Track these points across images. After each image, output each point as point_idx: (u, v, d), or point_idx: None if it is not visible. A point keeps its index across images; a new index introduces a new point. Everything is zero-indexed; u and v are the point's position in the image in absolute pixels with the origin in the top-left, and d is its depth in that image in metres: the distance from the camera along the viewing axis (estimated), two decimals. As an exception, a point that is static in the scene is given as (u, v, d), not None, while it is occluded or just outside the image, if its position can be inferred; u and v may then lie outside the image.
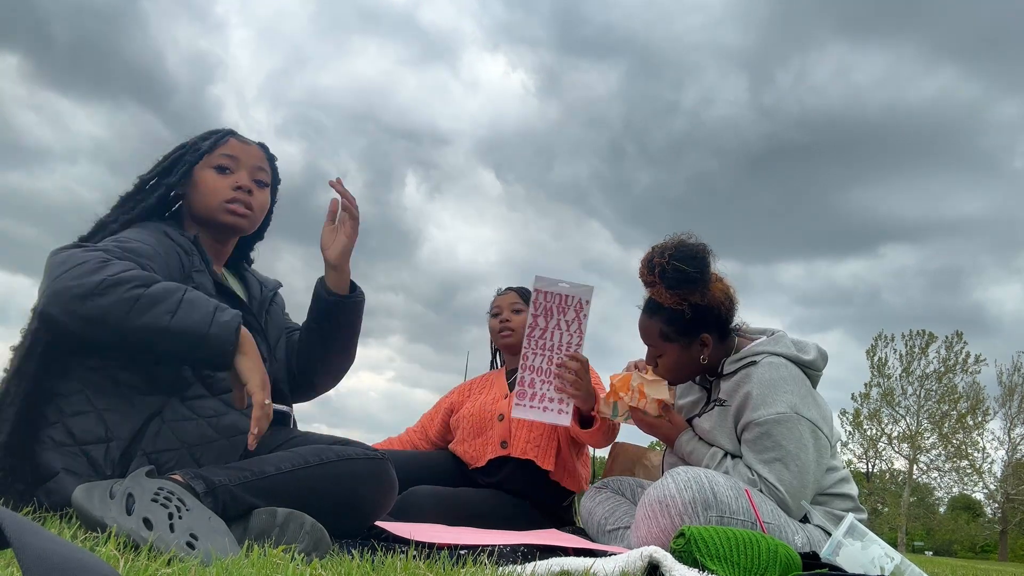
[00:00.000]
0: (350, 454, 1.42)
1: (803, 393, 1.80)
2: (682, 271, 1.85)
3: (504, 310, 2.63)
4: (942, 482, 29.49)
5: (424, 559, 1.18)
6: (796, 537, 1.67)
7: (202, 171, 1.65)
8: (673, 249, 1.88)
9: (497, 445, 2.43)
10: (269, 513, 1.24)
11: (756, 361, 1.84)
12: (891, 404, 29.02)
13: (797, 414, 1.75)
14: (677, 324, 1.92)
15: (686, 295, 1.88)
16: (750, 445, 1.78)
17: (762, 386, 1.78)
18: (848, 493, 1.87)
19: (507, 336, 2.59)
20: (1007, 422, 28.16)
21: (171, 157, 1.68)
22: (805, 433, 1.75)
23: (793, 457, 1.73)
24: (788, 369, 1.81)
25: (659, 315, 1.93)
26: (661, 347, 1.95)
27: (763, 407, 1.76)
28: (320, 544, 1.20)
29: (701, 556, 1.32)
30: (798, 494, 1.73)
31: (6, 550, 0.51)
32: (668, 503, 1.61)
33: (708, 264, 1.89)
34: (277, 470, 1.32)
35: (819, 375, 1.90)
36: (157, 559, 0.94)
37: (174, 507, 1.10)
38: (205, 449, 1.40)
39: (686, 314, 1.90)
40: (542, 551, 1.46)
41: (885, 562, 1.42)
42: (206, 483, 1.22)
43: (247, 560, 1.00)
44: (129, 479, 1.14)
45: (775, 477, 1.72)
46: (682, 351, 1.94)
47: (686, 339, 1.93)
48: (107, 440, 1.35)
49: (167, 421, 1.39)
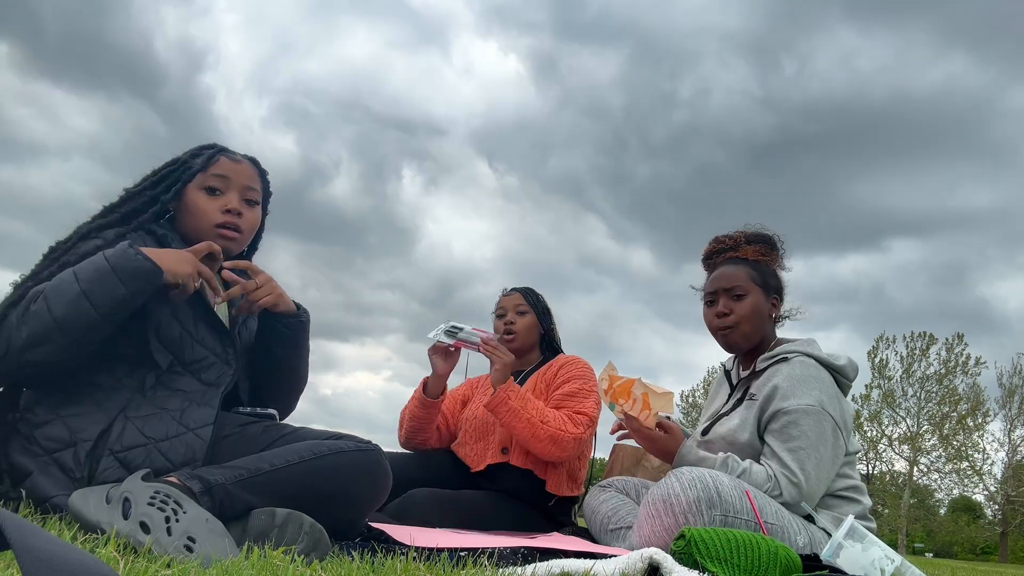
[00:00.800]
0: (342, 447, 1.44)
1: (831, 393, 1.83)
2: (765, 235, 2.10)
3: (509, 311, 2.62)
4: (942, 484, 29.49)
5: (424, 561, 1.17)
6: (798, 538, 1.67)
7: (193, 192, 1.66)
8: (745, 228, 2.12)
9: (498, 451, 2.43)
10: (268, 514, 1.24)
11: (788, 358, 1.88)
12: (891, 406, 29.01)
13: (823, 409, 1.78)
14: (764, 271, 2.05)
15: (769, 253, 2.07)
16: (776, 434, 1.80)
17: (792, 379, 1.82)
18: (860, 500, 1.87)
19: (510, 342, 2.58)
20: (1007, 424, 28.16)
21: (160, 172, 1.68)
22: (828, 429, 1.78)
23: (815, 448, 1.75)
24: (817, 369, 1.85)
25: (746, 264, 2.06)
26: (747, 287, 2.02)
27: (792, 397, 1.79)
28: (319, 545, 1.20)
29: (701, 558, 1.32)
30: (814, 486, 1.75)
31: (6, 552, 0.51)
32: (672, 502, 1.61)
33: (779, 242, 2.11)
34: (272, 466, 1.34)
35: (849, 384, 1.92)
36: (157, 561, 0.94)
37: (171, 510, 1.10)
38: (173, 443, 1.40)
39: (771, 266, 2.06)
40: (542, 553, 1.46)
41: (885, 564, 1.41)
42: (202, 483, 1.22)
43: (247, 562, 1.00)
44: (126, 482, 1.14)
45: (797, 465, 1.74)
46: (763, 298, 2.03)
47: (768, 288, 2.04)
48: (73, 444, 1.37)
49: (131, 418, 1.40)
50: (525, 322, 2.60)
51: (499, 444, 2.43)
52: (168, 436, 1.41)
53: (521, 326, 2.59)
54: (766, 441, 1.82)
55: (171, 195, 1.64)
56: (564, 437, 2.26)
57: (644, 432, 1.90)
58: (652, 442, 1.90)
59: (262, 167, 1.77)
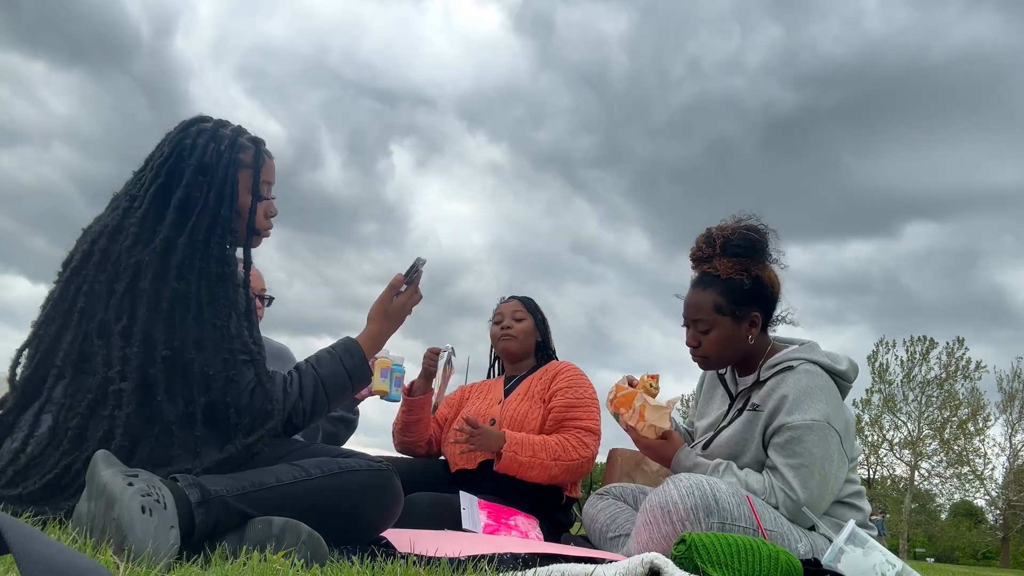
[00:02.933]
0: (353, 466, 1.41)
1: (836, 404, 1.82)
2: (749, 237, 1.93)
3: (506, 317, 2.64)
4: (943, 488, 29.52)
5: (424, 566, 1.17)
6: (799, 545, 1.67)
7: (243, 195, 1.59)
8: (736, 223, 1.96)
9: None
10: (265, 523, 1.23)
11: (793, 367, 1.85)
12: (892, 410, 29.01)
13: (829, 424, 1.76)
14: (734, 294, 1.91)
15: (747, 265, 1.92)
16: (779, 448, 1.77)
17: (798, 391, 1.79)
18: (860, 507, 1.87)
19: (508, 341, 2.60)
20: (1008, 428, 28.14)
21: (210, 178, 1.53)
22: (833, 445, 1.76)
23: (819, 466, 1.73)
24: (823, 378, 1.82)
25: (714, 287, 1.93)
26: (712, 320, 1.92)
27: (798, 412, 1.76)
28: (317, 554, 1.19)
29: (702, 562, 1.32)
30: (817, 503, 1.74)
31: (6, 555, 0.51)
32: (670, 509, 1.61)
33: (769, 239, 1.96)
34: (279, 482, 1.31)
35: (849, 386, 1.91)
36: (156, 565, 0.94)
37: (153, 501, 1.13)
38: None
39: (745, 284, 1.91)
40: (543, 558, 1.46)
41: (887, 569, 1.41)
42: (202, 492, 1.21)
43: (247, 566, 1.00)
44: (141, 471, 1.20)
45: (799, 483, 1.72)
46: (733, 325, 1.92)
47: (739, 311, 1.92)
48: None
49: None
50: (523, 327, 2.63)
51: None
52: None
53: (519, 330, 2.61)
54: (769, 454, 1.80)
55: (233, 215, 1.54)
56: (578, 463, 2.37)
57: (643, 441, 1.95)
58: (652, 450, 1.97)
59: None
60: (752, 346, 1.94)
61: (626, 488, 2.21)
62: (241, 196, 1.58)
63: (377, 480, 1.42)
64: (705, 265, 1.96)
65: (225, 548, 1.17)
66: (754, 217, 1.98)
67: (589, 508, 2.19)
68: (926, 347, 28.81)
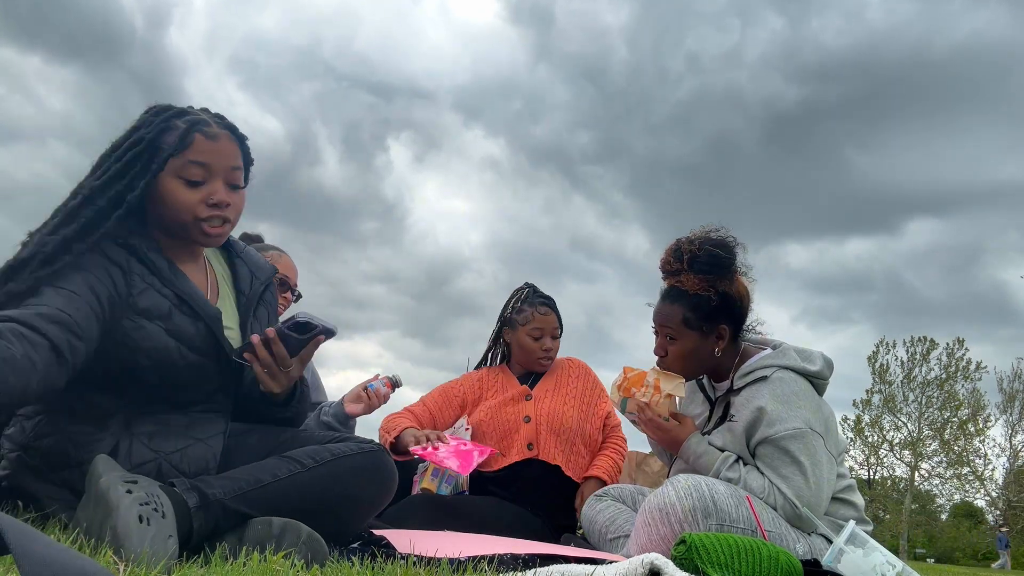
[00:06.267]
0: (345, 451, 1.40)
1: (814, 406, 1.82)
2: (715, 255, 1.92)
3: (545, 334, 2.57)
4: (944, 489, 29.46)
5: (424, 566, 1.17)
6: (798, 545, 1.67)
7: (168, 181, 1.41)
8: (704, 237, 1.94)
9: (523, 447, 2.43)
10: (264, 523, 1.23)
11: (767, 376, 1.84)
12: (892, 411, 28.97)
13: (812, 430, 1.76)
14: (701, 310, 1.92)
15: (714, 281, 1.91)
16: (766, 461, 1.77)
17: (776, 401, 1.78)
18: (853, 501, 1.87)
19: (546, 363, 2.60)
20: (1008, 429, 28.13)
21: (123, 158, 1.40)
22: (819, 448, 1.76)
23: (810, 472, 1.73)
24: (799, 383, 1.83)
25: (682, 301, 1.94)
26: (679, 333, 1.94)
27: (779, 423, 1.76)
28: (317, 555, 1.19)
29: (702, 563, 1.32)
30: (816, 507, 1.73)
31: (6, 556, 0.51)
32: (668, 511, 1.61)
33: (737, 254, 1.96)
34: (275, 477, 1.31)
35: (826, 383, 1.91)
36: (156, 566, 0.94)
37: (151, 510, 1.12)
38: (183, 455, 1.39)
39: (712, 300, 1.91)
40: (543, 559, 1.46)
41: (887, 569, 1.41)
42: (200, 496, 1.21)
43: (246, 567, 1.00)
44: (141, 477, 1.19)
45: (793, 492, 1.72)
46: (700, 339, 1.94)
47: (707, 326, 1.93)
48: (79, 463, 1.32)
49: (136, 435, 1.38)
50: (557, 346, 2.61)
51: (525, 440, 2.44)
52: (177, 448, 1.39)
53: (556, 351, 2.61)
54: (758, 466, 1.80)
55: (137, 192, 1.38)
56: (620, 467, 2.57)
57: (656, 422, 1.92)
58: (664, 432, 1.93)
59: (240, 133, 1.52)
60: (721, 357, 1.96)
61: (625, 489, 2.21)
62: (165, 177, 1.41)
63: (370, 462, 1.43)
64: (673, 279, 1.97)
65: (225, 548, 1.17)
66: (723, 229, 1.97)
67: (588, 510, 2.19)
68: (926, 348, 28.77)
